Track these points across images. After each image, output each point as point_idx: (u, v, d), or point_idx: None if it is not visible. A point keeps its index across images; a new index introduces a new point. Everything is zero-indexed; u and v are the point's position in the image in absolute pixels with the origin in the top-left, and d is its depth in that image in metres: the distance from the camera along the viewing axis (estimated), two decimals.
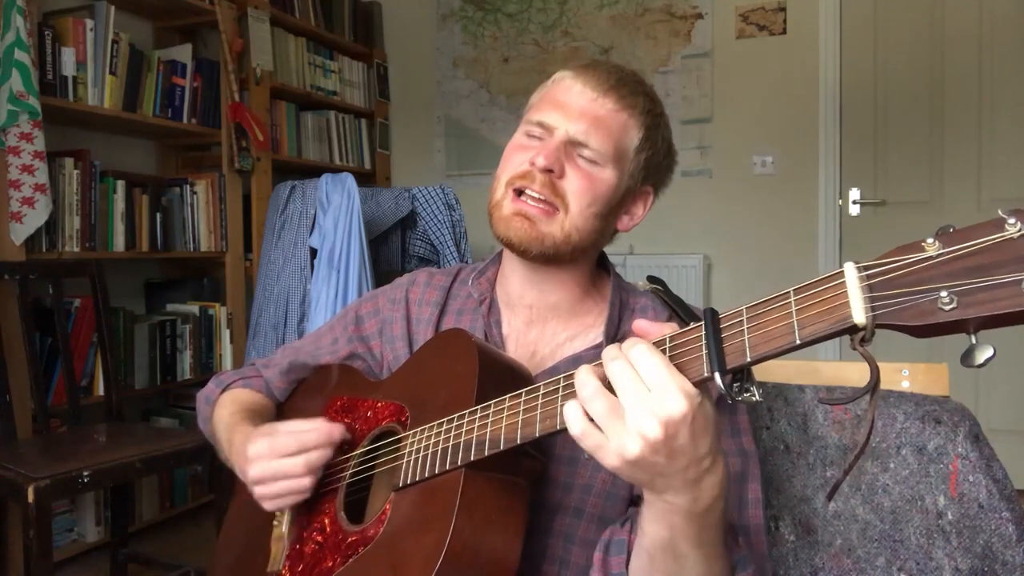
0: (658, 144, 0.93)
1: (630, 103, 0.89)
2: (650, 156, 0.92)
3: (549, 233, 0.88)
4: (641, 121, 0.90)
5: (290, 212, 2.75)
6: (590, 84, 0.89)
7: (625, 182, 0.91)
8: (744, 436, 0.86)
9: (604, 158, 0.88)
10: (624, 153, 0.90)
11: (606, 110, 0.88)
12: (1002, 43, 3.09)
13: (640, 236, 3.45)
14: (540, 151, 0.87)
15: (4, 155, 2.17)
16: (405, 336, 1.00)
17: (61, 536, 2.44)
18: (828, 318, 0.52)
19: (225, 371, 1.14)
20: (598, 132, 0.87)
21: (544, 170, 0.87)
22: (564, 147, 0.88)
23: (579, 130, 0.87)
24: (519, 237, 0.88)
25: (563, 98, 0.90)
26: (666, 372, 0.57)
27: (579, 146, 0.88)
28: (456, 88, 3.94)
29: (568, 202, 0.88)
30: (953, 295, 0.48)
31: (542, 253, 0.89)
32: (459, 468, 0.74)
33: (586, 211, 0.88)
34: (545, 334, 0.95)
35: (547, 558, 0.83)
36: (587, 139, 0.87)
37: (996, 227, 0.48)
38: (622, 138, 0.89)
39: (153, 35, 3.00)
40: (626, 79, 0.91)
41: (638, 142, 0.90)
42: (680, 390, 0.57)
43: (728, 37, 3.46)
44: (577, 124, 0.88)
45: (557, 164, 0.87)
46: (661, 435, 0.57)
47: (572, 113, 0.88)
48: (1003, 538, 0.91)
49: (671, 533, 0.65)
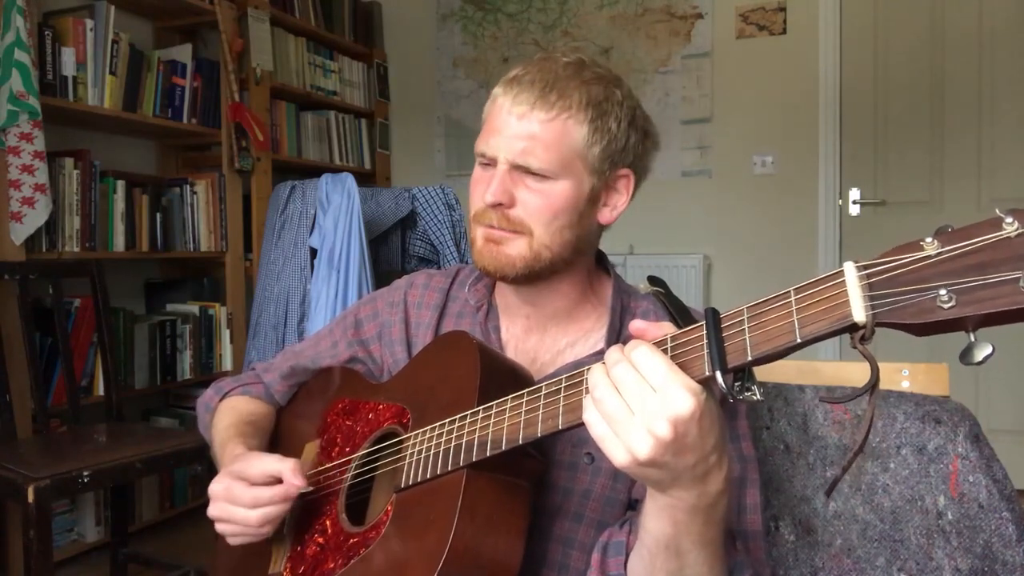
0: (613, 129, 0.88)
1: (561, 107, 0.85)
2: (607, 145, 0.87)
3: (519, 255, 0.87)
4: (582, 117, 0.86)
5: (290, 212, 2.75)
6: (518, 101, 0.86)
7: (587, 182, 0.88)
8: (743, 441, 0.86)
9: (552, 172, 0.85)
10: (571, 158, 0.86)
11: (538, 123, 0.85)
12: (1002, 43, 3.09)
13: (640, 236, 3.45)
14: (487, 187, 0.86)
15: (4, 155, 2.17)
16: (403, 340, 1.00)
17: (61, 536, 2.44)
18: (828, 317, 0.53)
19: (224, 379, 1.14)
20: (535, 150, 0.84)
21: (494, 206, 0.86)
22: (509, 175, 0.86)
23: (515, 154, 0.85)
24: (492, 263, 0.88)
25: (497, 123, 0.87)
26: (670, 371, 0.57)
27: (522, 170, 0.86)
28: (456, 88, 3.94)
29: (529, 225, 0.86)
30: (952, 293, 0.48)
31: (519, 275, 0.88)
32: (461, 469, 0.74)
33: (551, 227, 0.87)
34: (545, 341, 0.95)
35: (546, 562, 0.83)
36: (527, 161, 0.85)
37: (994, 226, 0.48)
38: (563, 145, 0.85)
39: (153, 35, 3.00)
40: (554, 82, 0.86)
41: (584, 139, 0.86)
42: (686, 388, 0.57)
43: (728, 37, 3.46)
44: (512, 148, 0.85)
45: (505, 196, 0.86)
46: (671, 434, 0.57)
47: (506, 138, 0.86)
48: (1003, 538, 0.91)
49: (675, 530, 0.65)
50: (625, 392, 0.58)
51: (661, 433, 0.57)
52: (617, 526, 0.78)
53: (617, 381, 0.59)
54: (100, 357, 2.41)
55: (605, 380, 0.59)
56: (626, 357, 0.59)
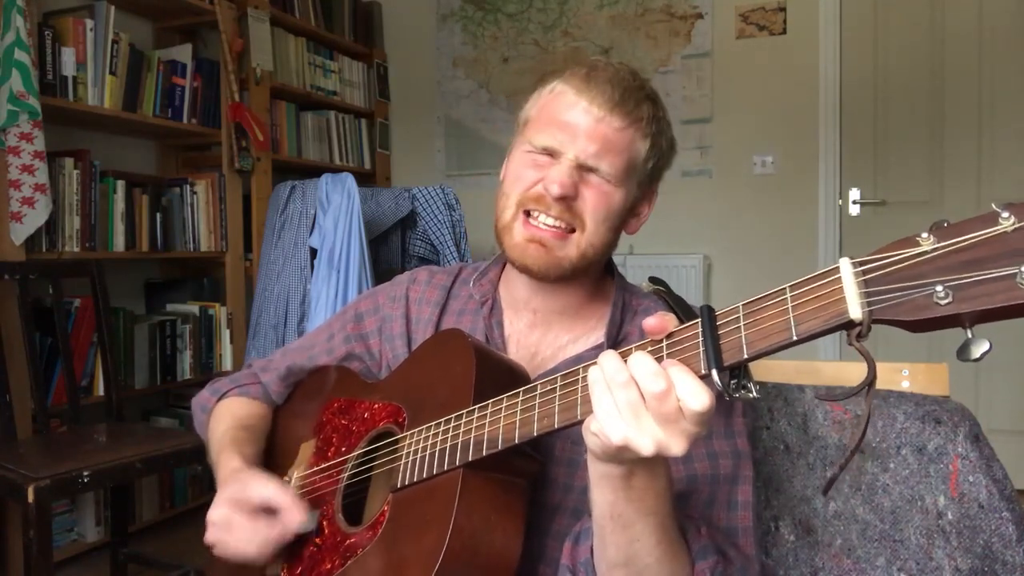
0: (663, 148, 0.92)
1: (635, 117, 0.87)
2: (656, 162, 0.92)
3: (566, 256, 0.88)
4: (647, 131, 0.89)
5: (290, 212, 2.75)
6: (596, 102, 0.86)
7: (635, 192, 0.91)
8: (739, 438, 0.86)
9: (617, 178, 0.87)
10: (634, 168, 0.89)
11: (613, 129, 0.86)
12: (1002, 43, 3.09)
13: (640, 236, 3.41)
14: (553, 179, 0.85)
15: (4, 155, 2.17)
16: (404, 335, 1.00)
17: (61, 536, 2.44)
18: (824, 314, 0.52)
19: (220, 379, 1.13)
20: (608, 154, 0.86)
21: (559, 199, 0.86)
22: (575, 170, 0.86)
23: (589, 154, 0.86)
24: (537, 265, 0.88)
25: (567, 117, 0.87)
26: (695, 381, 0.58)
27: (590, 170, 0.87)
28: (456, 88, 3.93)
29: (584, 220, 0.87)
30: (948, 289, 0.48)
31: (561, 276, 0.89)
32: (457, 469, 0.73)
33: (601, 227, 0.88)
34: (548, 337, 0.95)
35: (544, 559, 0.83)
36: (598, 164, 0.86)
37: (990, 221, 0.48)
38: (631, 155, 0.88)
39: (153, 35, 3.00)
40: (630, 90, 0.88)
41: (645, 153, 0.89)
42: (703, 388, 0.58)
43: (728, 37, 3.46)
44: (586, 148, 0.86)
45: (572, 190, 0.86)
46: (682, 450, 0.59)
47: (579, 136, 0.86)
48: (1003, 538, 0.91)
49: (615, 496, 0.67)
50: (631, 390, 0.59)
51: (692, 430, 0.58)
52: (587, 515, 0.78)
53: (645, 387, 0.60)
54: (100, 357, 2.41)
55: (625, 370, 0.60)
56: None
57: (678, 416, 0.58)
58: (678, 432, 0.58)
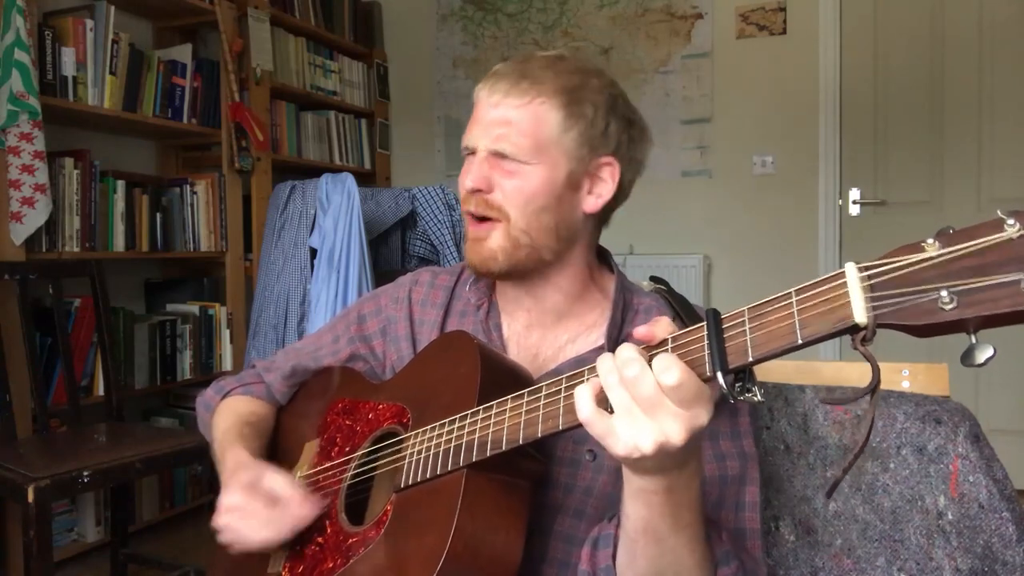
0: (588, 115, 0.88)
1: (535, 92, 0.87)
2: (584, 130, 0.88)
3: (498, 247, 0.89)
4: (556, 102, 0.87)
5: (290, 212, 2.75)
6: (495, 89, 0.89)
7: (564, 167, 0.88)
8: (745, 439, 0.86)
9: (525, 155, 0.87)
10: (546, 143, 0.87)
11: (512, 109, 0.87)
12: (1002, 43, 3.09)
13: (640, 236, 3.45)
14: (464, 173, 0.90)
15: (4, 155, 2.17)
16: (409, 337, 1.00)
17: (61, 536, 2.44)
18: (830, 318, 0.53)
19: (225, 377, 1.14)
20: (509, 135, 0.87)
21: (473, 191, 0.89)
22: (487, 162, 0.88)
23: (492, 140, 0.88)
24: (476, 260, 0.91)
25: (477, 113, 0.91)
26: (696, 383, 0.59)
27: (498, 155, 0.88)
28: (456, 88, 3.93)
29: (506, 210, 0.88)
30: (953, 295, 0.48)
31: (502, 268, 0.90)
32: (461, 469, 0.74)
33: (526, 211, 0.88)
34: (547, 337, 0.95)
35: (547, 559, 0.84)
36: (501, 146, 0.87)
37: (995, 227, 0.48)
38: (537, 129, 0.87)
39: (153, 35, 3.00)
40: (529, 70, 0.89)
41: (559, 124, 0.87)
42: (708, 400, 0.59)
43: (728, 37, 3.46)
44: (488, 135, 0.88)
45: (482, 182, 0.88)
46: (683, 440, 0.59)
47: (483, 126, 0.89)
48: (1003, 538, 0.91)
49: (650, 512, 0.67)
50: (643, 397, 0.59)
51: (675, 438, 0.59)
52: (607, 520, 0.78)
53: (635, 387, 0.60)
54: (100, 357, 2.41)
55: (641, 361, 0.60)
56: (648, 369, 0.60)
57: (661, 398, 0.58)
58: (669, 417, 0.58)
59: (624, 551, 0.72)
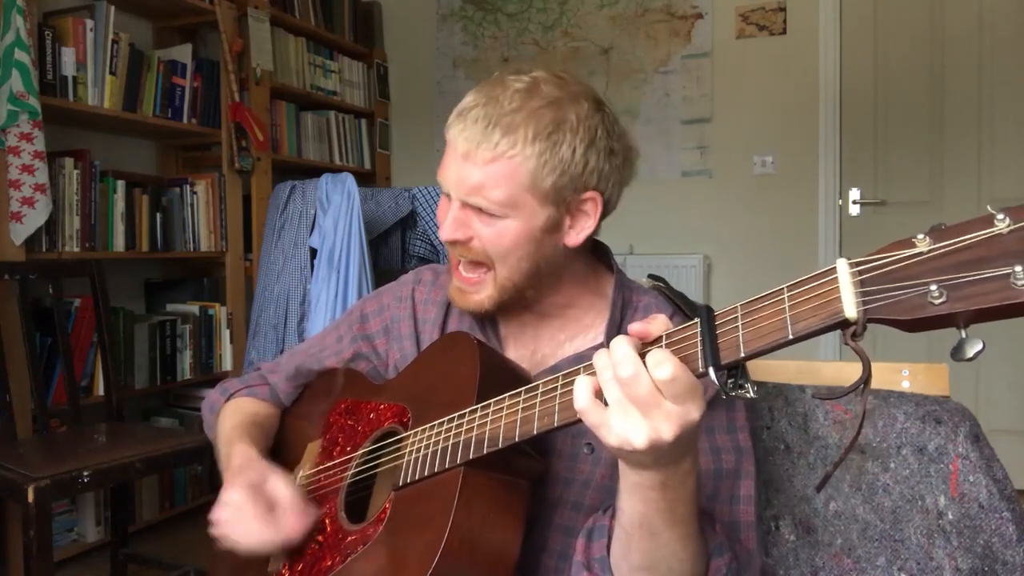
0: (566, 158, 0.83)
1: (506, 144, 0.82)
2: (561, 174, 0.83)
3: (487, 296, 0.89)
4: (531, 151, 0.82)
5: (290, 212, 2.75)
6: (464, 136, 0.83)
7: (542, 214, 0.84)
8: (740, 433, 0.86)
9: (499, 210, 0.84)
10: (520, 194, 0.83)
11: (482, 163, 0.82)
12: (1002, 43, 3.09)
13: (640, 236, 3.45)
14: (440, 222, 0.88)
15: (4, 155, 2.17)
16: (412, 335, 1.00)
17: (61, 536, 2.44)
18: (820, 313, 0.53)
19: (229, 380, 1.14)
20: (483, 189, 0.83)
21: (451, 243, 0.88)
22: (463, 211, 0.86)
23: (463, 194, 0.85)
24: (465, 307, 0.92)
25: (448, 159, 0.86)
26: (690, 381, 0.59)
27: (473, 208, 0.85)
28: (456, 88, 3.93)
29: (490, 256, 0.87)
30: (943, 289, 0.49)
31: (490, 311, 0.91)
32: (458, 467, 0.74)
33: (508, 260, 0.86)
34: (544, 335, 0.95)
35: (546, 551, 0.84)
36: (476, 200, 0.84)
37: (986, 223, 0.49)
38: (510, 183, 0.82)
39: (153, 35, 3.00)
40: (499, 118, 0.82)
41: (531, 173, 0.82)
42: (701, 396, 0.59)
43: (728, 37, 3.46)
44: (460, 188, 0.85)
45: (460, 233, 0.86)
46: (675, 436, 0.59)
47: (455, 176, 0.85)
48: (1003, 538, 0.91)
49: (646, 507, 0.67)
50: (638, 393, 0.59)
51: (667, 434, 0.59)
52: (601, 511, 0.79)
53: (628, 384, 0.60)
54: (100, 357, 2.41)
55: (636, 359, 0.60)
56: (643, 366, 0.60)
57: (654, 395, 0.58)
58: (661, 414, 0.58)
59: (619, 544, 0.73)
